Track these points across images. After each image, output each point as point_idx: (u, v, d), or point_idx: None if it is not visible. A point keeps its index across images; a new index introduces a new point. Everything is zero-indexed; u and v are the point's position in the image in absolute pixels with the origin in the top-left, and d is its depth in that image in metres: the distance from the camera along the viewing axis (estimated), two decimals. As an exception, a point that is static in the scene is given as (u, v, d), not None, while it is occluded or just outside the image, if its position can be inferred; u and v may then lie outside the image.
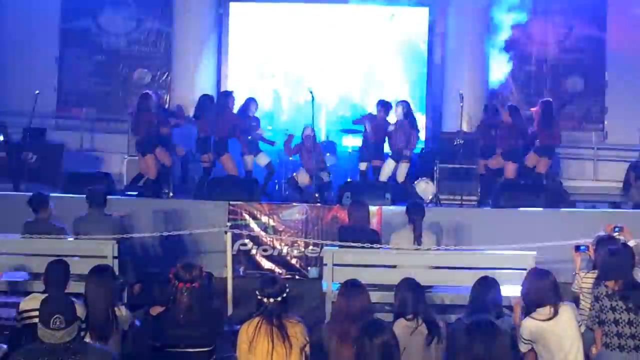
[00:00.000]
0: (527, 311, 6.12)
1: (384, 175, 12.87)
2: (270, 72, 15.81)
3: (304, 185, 12.70)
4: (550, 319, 5.96)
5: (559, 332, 5.95)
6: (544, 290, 6.08)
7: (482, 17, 15.00)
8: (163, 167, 12.64)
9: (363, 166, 13.24)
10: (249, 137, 13.17)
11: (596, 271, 6.99)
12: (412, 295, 6.08)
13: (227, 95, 13.27)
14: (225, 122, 12.77)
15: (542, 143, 12.83)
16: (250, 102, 13.34)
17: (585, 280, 7.19)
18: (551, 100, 13.31)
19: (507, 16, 14.86)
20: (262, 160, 13.18)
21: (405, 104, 13.10)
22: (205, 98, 13.20)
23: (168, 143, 12.85)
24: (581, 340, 6.07)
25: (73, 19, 16.37)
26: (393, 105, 13.14)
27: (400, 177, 12.99)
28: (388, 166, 12.92)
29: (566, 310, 6.04)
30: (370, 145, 13.12)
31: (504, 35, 14.91)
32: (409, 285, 6.20)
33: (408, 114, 12.99)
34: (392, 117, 13.11)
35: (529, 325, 6.04)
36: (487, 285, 6.41)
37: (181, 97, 14.68)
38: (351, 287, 6.02)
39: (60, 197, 10.84)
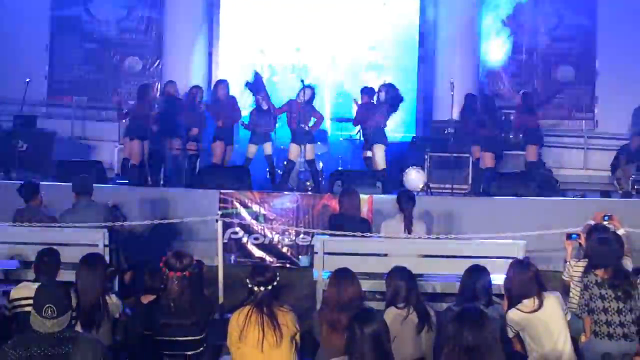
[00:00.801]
0: (511, 302, 6.11)
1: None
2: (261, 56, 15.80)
3: (295, 161, 12.67)
4: (535, 310, 5.96)
5: (545, 323, 5.95)
6: (526, 282, 6.06)
7: (473, 4, 15.04)
8: (157, 154, 12.75)
9: (368, 154, 13.15)
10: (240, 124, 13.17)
11: (587, 260, 7.01)
12: (404, 284, 6.10)
13: (217, 84, 13.31)
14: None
15: (527, 130, 12.92)
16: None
17: (575, 269, 7.20)
18: (531, 92, 13.48)
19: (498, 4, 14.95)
20: (267, 149, 13.13)
21: (387, 87, 12.94)
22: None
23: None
24: (568, 329, 6.08)
25: (63, 7, 16.35)
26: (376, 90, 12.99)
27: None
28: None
29: (551, 300, 6.04)
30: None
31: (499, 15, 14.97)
32: (402, 274, 6.21)
33: (391, 97, 12.79)
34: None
35: (515, 317, 6.03)
36: (477, 274, 6.43)
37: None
38: (342, 276, 6.03)
39: (50, 185, 10.81)
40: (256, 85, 13.08)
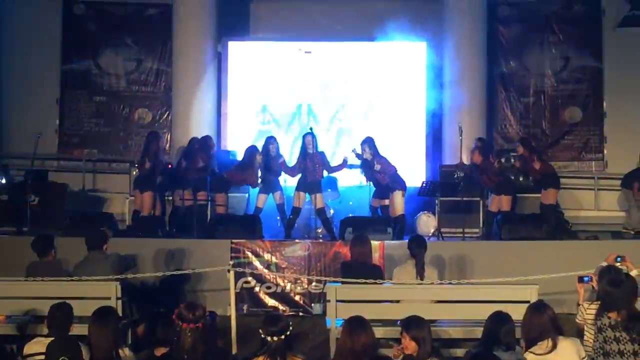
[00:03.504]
0: (528, 346, 6.08)
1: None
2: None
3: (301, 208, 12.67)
4: (549, 352, 5.92)
5: (560, 366, 5.91)
6: (542, 324, 6.04)
7: (479, 49, 15.15)
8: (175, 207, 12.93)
9: (377, 203, 13.18)
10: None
11: (599, 302, 6.96)
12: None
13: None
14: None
15: (543, 175, 12.93)
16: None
17: (589, 311, 7.12)
18: (526, 137, 13.68)
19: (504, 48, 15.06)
20: (278, 198, 13.03)
21: (369, 141, 12.88)
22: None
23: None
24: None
25: (73, 61, 16.47)
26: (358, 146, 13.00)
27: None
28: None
29: (567, 344, 6.00)
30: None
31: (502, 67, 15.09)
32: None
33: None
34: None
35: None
36: (498, 319, 6.39)
37: (182, 136, 14.71)
38: (355, 324, 6.00)
39: (62, 239, 10.82)
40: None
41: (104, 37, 16.46)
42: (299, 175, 12.73)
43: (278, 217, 13.20)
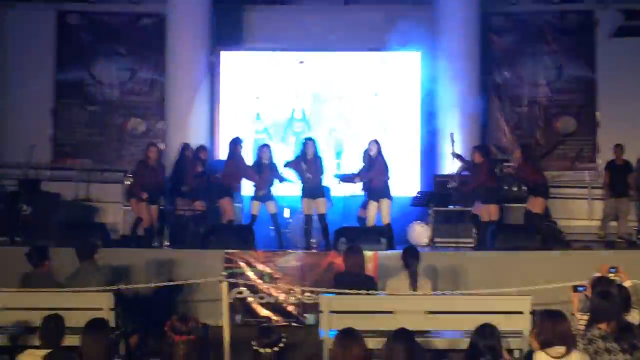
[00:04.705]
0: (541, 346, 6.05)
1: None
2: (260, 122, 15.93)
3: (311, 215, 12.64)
4: (562, 356, 5.91)
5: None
6: (564, 331, 6.03)
7: (473, 60, 15.19)
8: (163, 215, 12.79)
9: (364, 213, 13.10)
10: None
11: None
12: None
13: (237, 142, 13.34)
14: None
15: (535, 183, 12.91)
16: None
17: (581, 322, 7.14)
18: (529, 144, 13.65)
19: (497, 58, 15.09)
20: (271, 208, 13.02)
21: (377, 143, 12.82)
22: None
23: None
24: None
25: (67, 70, 16.49)
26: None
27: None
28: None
29: (578, 356, 5.99)
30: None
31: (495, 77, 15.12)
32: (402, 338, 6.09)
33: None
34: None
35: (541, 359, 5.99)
36: (483, 333, 6.37)
37: (176, 144, 14.69)
38: (347, 336, 5.98)
39: (54, 250, 10.78)
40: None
41: (98, 47, 16.52)
42: (300, 183, 12.70)
43: (271, 227, 13.16)
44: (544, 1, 16.53)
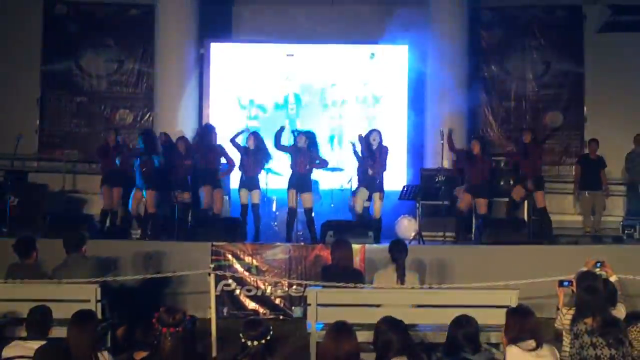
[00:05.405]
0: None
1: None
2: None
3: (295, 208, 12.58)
4: (534, 349, 5.95)
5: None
6: (532, 325, 6.06)
7: (461, 54, 15.21)
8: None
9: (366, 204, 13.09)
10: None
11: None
12: (395, 337, 6.01)
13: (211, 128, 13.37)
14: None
15: (536, 175, 13.00)
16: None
17: (567, 317, 7.13)
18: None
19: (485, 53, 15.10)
20: (255, 197, 12.89)
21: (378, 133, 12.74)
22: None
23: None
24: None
25: (54, 61, 16.40)
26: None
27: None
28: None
29: (547, 351, 6.03)
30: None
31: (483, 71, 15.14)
32: (391, 325, 6.11)
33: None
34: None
35: (514, 352, 6.01)
36: (460, 324, 6.37)
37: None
38: (339, 330, 5.95)
39: (41, 240, 10.75)
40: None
41: (85, 37, 16.43)
42: (290, 173, 12.64)
43: (275, 224, 13.15)
44: (533, -4, 16.58)
